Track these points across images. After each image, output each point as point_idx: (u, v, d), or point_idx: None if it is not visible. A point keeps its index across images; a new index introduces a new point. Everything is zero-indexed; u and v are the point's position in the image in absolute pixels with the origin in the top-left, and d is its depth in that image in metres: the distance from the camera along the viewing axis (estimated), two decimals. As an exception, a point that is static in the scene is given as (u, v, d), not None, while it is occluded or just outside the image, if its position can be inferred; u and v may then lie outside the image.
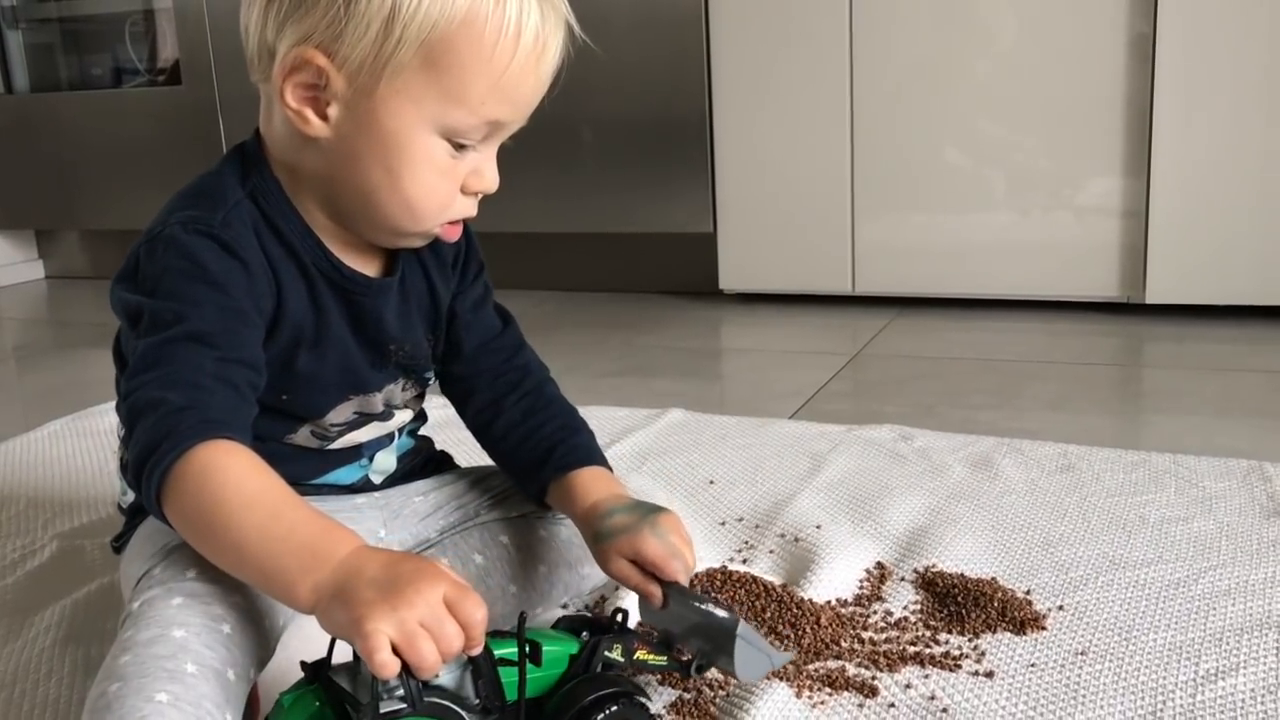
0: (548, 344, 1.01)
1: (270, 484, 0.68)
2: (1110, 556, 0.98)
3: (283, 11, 0.73)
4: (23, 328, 2.52)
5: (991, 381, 1.60)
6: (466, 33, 0.72)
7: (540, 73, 0.76)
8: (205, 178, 0.81)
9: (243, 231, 0.77)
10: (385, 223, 0.78)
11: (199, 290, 0.74)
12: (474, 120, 0.75)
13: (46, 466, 1.37)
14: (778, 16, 1.99)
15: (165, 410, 0.68)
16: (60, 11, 2.89)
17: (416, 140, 0.74)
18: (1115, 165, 1.86)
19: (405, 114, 0.74)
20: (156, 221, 0.78)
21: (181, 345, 0.71)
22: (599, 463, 0.88)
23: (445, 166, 0.76)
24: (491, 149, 0.79)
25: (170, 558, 0.74)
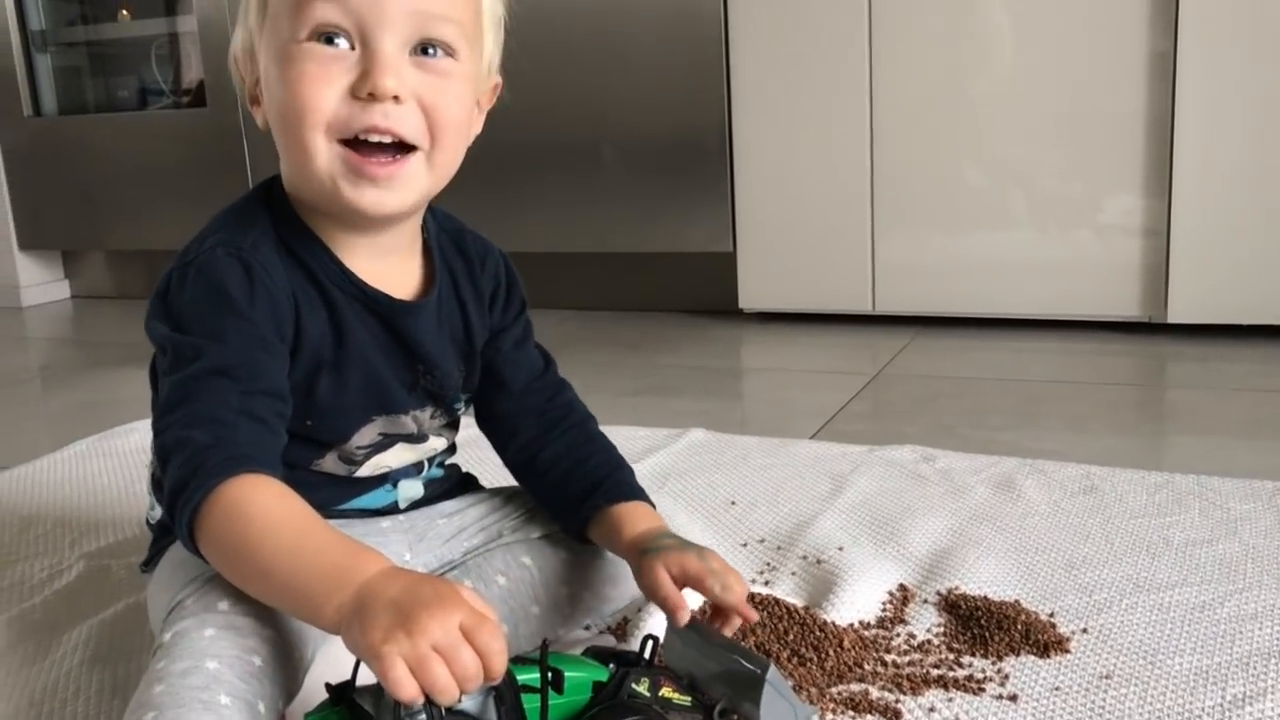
0: (568, 363, 1.01)
1: (296, 510, 0.70)
2: (1134, 579, 0.98)
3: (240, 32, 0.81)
4: (49, 347, 2.54)
5: (1012, 401, 1.59)
6: None
7: None
8: (235, 205, 0.83)
9: (270, 255, 0.78)
10: (303, 160, 0.76)
11: (223, 321, 0.75)
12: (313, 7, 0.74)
13: (73, 486, 1.38)
14: (797, 36, 2.00)
15: (192, 449, 0.70)
16: (88, 35, 2.93)
17: (284, 57, 0.75)
18: (1136, 184, 1.86)
19: (272, 47, 0.77)
20: (190, 245, 0.79)
21: (205, 381, 0.73)
22: (645, 499, 0.89)
23: (315, 69, 0.74)
24: (381, 46, 0.74)
25: (203, 589, 0.75)
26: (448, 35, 0.76)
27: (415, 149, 0.77)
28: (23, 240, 2.88)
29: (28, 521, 1.27)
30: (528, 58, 2.34)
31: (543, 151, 2.26)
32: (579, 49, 2.18)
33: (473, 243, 0.92)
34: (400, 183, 0.77)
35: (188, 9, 2.64)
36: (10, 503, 1.33)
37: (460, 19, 0.77)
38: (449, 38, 0.76)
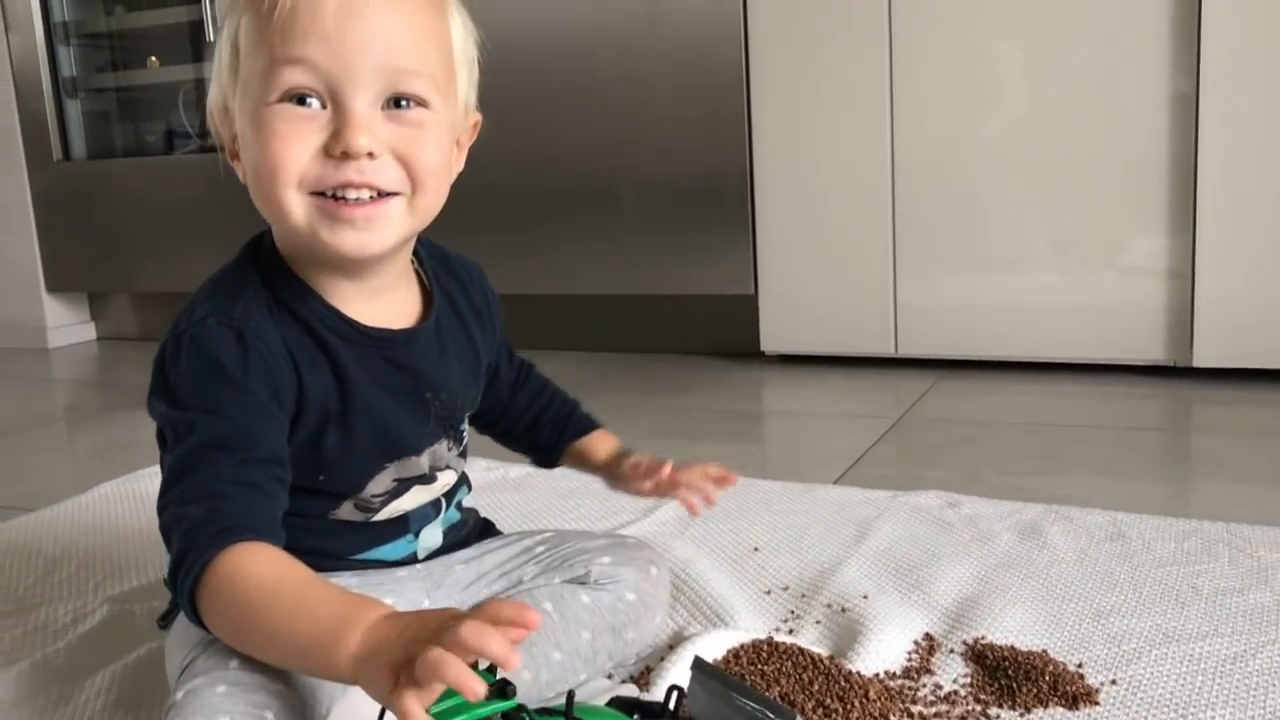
0: (590, 405, 1.02)
1: (291, 572, 0.70)
2: (1164, 629, 0.97)
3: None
4: (75, 389, 2.56)
5: (1037, 446, 1.58)
6: (250, 7, 0.76)
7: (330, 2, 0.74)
8: (224, 271, 0.85)
9: (262, 320, 0.79)
10: (286, 223, 0.77)
11: (217, 392, 0.76)
12: (284, 71, 0.74)
13: (97, 529, 1.39)
14: (818, 78, 2.01)
15: (187, 526, 0.72)
16: (117, 82, 2.97)
17: (256, 119, 0.76)
18: (1160, 225, 1.86)
19: (246, 108, 0.77)
20: (181, 316, 0.81)
21: (200, 454, 0.74)
22: (602, 427, 1.07)
23: (286, 129, 0.75)
24: (352, 105, 0.75)
25: (212, 647, 0.75)
26: (419, 88, 0.77)
27: (396, 194, 0.78)
28: (50, 283, 2.91)
29: (52, 565, 1.27)
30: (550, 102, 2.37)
31: (565, 194, 2.27)
32: (600, 93, 2.20)
33: (458, 263, 0.94)
34: (379, 224, 0.77)
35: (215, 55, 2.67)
36: (35, 546, 1.33)
37: (431, 71, 0.78)
38: (420, 90, 0.77)
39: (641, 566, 0.95)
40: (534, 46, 2.21)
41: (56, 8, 2.83)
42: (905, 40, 1.95)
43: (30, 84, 2.81)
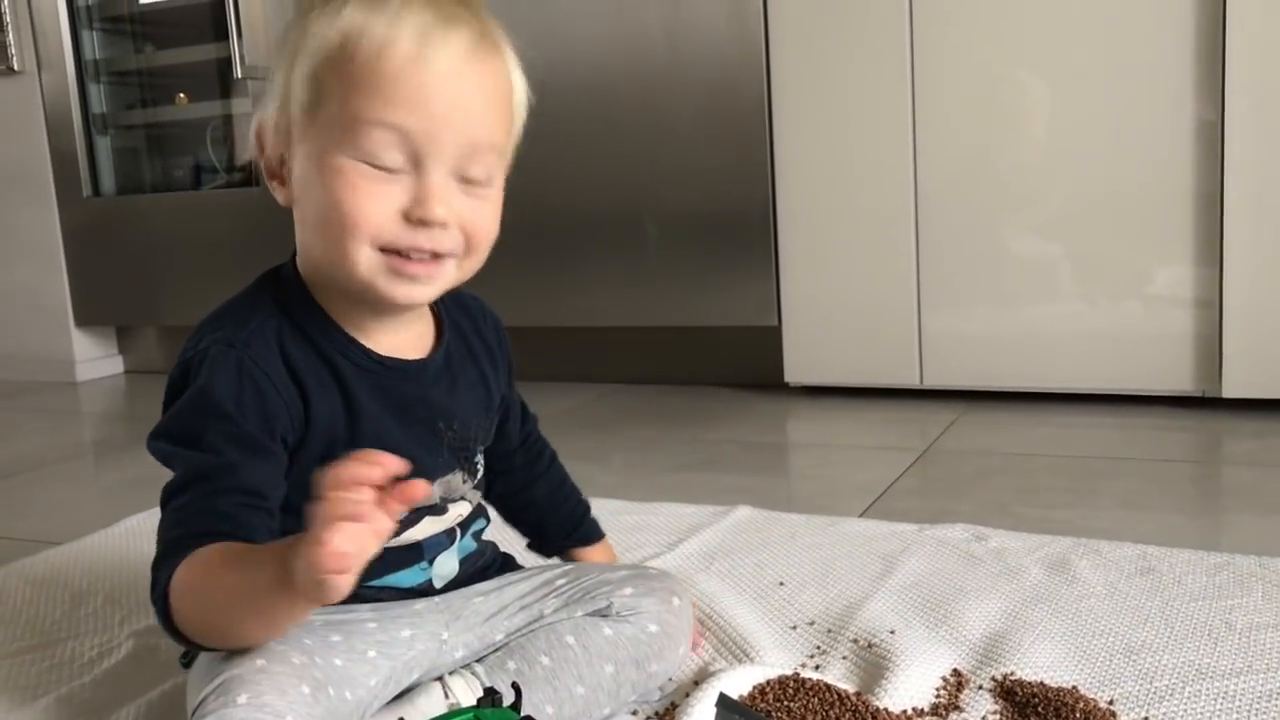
0: (612, 438, 1.03)
1: (216, 553, 0.74)
2: (1196, 665, 0.95)
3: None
4: (102, 422, 2.58)
5: (1065, 478, 1.57)
6: (343, 54, 0.77)
7: (427, 71, 0.76)
8: (235, 298, 0.86)
9: (264, 350, 0.81)
10: (344, 265, 0.79)
11: (203, 424, 0.79)
12: (372, 135, 0.76)
13: (124, 563, 1.39)
14: (840, 108, 2.02)
15: (156, 558, 0.77)
16: (146, 119, 3.01)
17: (332, 166, 0.77)
18: (1186, 254, 1.84)
19: (317, 149, 0.78)
20: (188, 343, 0.83)
21: (180, 494, 0.78)
22: (603, 539, 1.10)
23: (366, 187, 0.77)
24: (433, 175, 0.78)
25: (221, 686, 0.76)
26: (490, 164, 0.81)
27: (451, 255, 0.81)
28: (79, 317, 2.94)
29: (78, 599, 1.27)
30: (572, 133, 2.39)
31: (587, 226, 2.28)
32: (623, 125, 2.21)
33: (469, 299, 0.97)
34: (434, 280, 0.82)
35: (243, 92, 2.71)
36: (62, 579, 1.34)
37: (503, 143, 0.83)
38: (491, 165, 0.81)
39: (664, 597, 0.94)
40: (557, 78, 2.22)
41: (88, 46, 2.88)
42: (928, 70, 1.96)
43: (61, 121, 2.85)
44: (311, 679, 0.78)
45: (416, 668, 0.88)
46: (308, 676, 0.78)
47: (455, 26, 0.77)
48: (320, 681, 0.79)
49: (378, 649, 0.86)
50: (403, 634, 0.88)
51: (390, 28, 0.76)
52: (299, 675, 0.78)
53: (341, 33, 0.77)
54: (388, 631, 0.87)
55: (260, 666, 0.77)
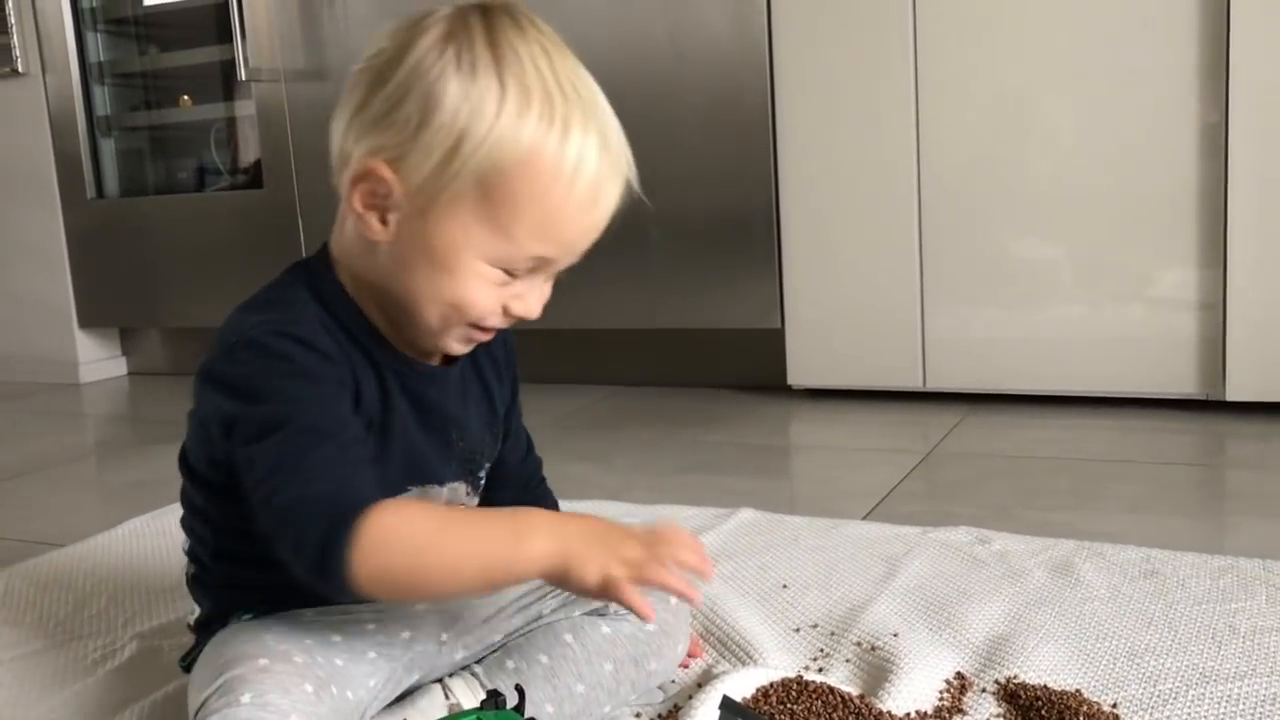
0: (615, 440, 1.02)
1: (443, 509, 0.78)
2: (1200, 668, 0.95)
3: (364, 124, 0.78)
4: (105, 424, 2.58)
5: (1068, 481, 1.57)
6: (523, 172, 0.76)
7: (592, 219, 0.80)
8: (270, 289, 0.86)
9: (316, 330, 0.81)
10: (423, 323, 0.82)
11: (296, 386, 0.77)
12: (518, 254, 0.79)
13: (127, 565, 1.39)
14: (844, 111, 2.02)
15: (317, 504, 0.73)
16: (150, 120, 3.02)
17: (462, 261, 0.79)
18: (1190, 256, 1.84)
19: (454, 236, 0.78)
20: (230, 332, 0.81)
21: (300, 440, 0.75)
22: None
23: (487, 288, 0.80)
24: (543, 284, 0.83)
25: (224, 686, 0.76)
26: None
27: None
28: (83, 319, 2.94)
29: (82, 600, 1.28)
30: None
31: (591, 230, 2.28)
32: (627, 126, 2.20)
33: None
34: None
35: (247, 94, 2.71)
36: (65, 581, 1.34)
37: None
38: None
39: (661, 596, 0.94)
40: (561, 83, 2.22)
41: (92, 48, 2.88)
42: (932, 73, 1.95)
43: (66, 123, 2.86)
44: (314, 678, 0.79)
45: (416, 669, 0.89)
46: (310, 675, 0.79)
47: (617, 176, 0.81)
48: (323, 680, 0.79)
49: (377, 650, 0.86)
50: (402, 635, 0.88)
51: (580, 161, 0.77)
52: (301, 674, 0.78)
53: (528, 151, 0.75)
54: (387, 633, 0.87)
55: (263, 666, 0.77)
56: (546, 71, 0.76)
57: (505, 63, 0.76)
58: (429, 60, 0.76)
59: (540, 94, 0.76)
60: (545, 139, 0.76)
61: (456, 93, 0.75)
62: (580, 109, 0.77)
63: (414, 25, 0.78)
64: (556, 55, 0.78)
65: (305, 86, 2.57)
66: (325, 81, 2.54)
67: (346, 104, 0.80)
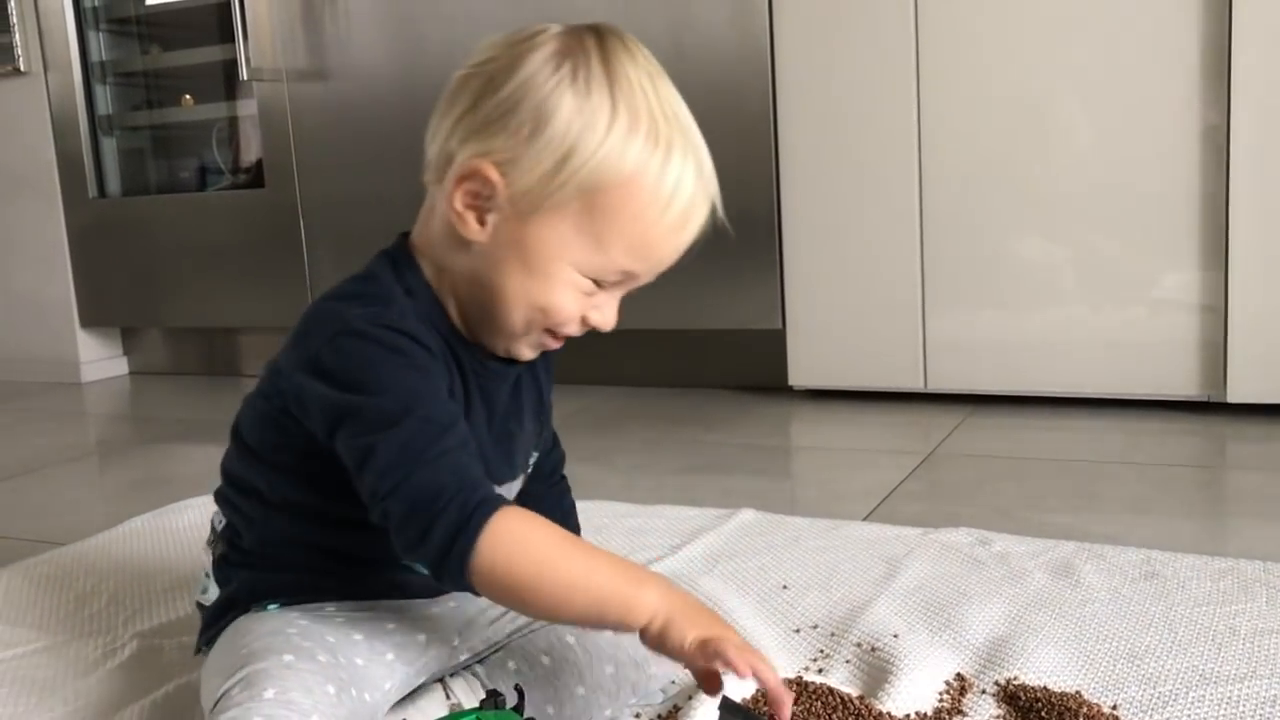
0: (616, 440, 1.02)
1: (565, 533, 0.78)
2: (1200, 670, 0.95)
3: (472, 126, 0.81)
4: (106, 423, 2.58)
5: (1069, 483, 1.57)
6: (625, 191, 0.79)
7: (681, 239, 0.82)
8: (361, 281, 0.86)
9: (417, 324, 0.82)
10: (506, 325, 0.84)
11: (411, 378, 0.79)
12: (609, 266, 0.81)
13: (128, 564, 1.39)
14: (846, 113, 2.02)
15: (449, 494, 0.74)
16: (152, 120, 3.02)
17: (556, 268, 0.81)
18: (1192, 258, 1.84)
19: (551, 244, 0.80)
20: (328, 323, 0.81)
21: (423, 432, 0.76)
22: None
23: (574, 295, 0.82)
24: (619, 291, 0.85)
25: (246, 679, 0.76)
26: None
27: None
28: (84, 318, 2.94)
29: (83, 599, 1.28)
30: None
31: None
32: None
33: None
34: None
35: (248, 93, 2.71)
36: (66, 580, 1.34)
37: None
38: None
39: None
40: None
41: (94, 47, 2.89)
42: (934, 75, 1.95)
43: (68, 122, 2.86)
44: (337, 679, 0.79)
45: (426, 673, 0.89)
46: (333, 676, 0.79)
47: (707, 200, 0.83)
48: (345, 682, 0.80)
49: (395, 652, 0.86)
50: (418, 638, 0.88)
51: (679, 185, 0.80)
52: (325, 675, 0.78)
53: (632, 171, 0.78)
54: (406, 634, 0.87)
55: (288, 663, 0.78)
56: (653, 97, 0.80)
57: (618, 84, 0.79)
58: (544, 73, 0.79)
59: (647, 118, 0.79)
60: (649, 161, 0.79)
61: (570, 107, 0.78)
62: (681, 135, 0.81)
63: (528, 39, 0.81)
64: (660, 82, 0.82)
65: (307, 86, 2.57)
66: (327, 81, 2.54)
67: (452, 106, 0.82)
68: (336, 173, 2.56)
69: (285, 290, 2.62)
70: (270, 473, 0.88)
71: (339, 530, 0.86)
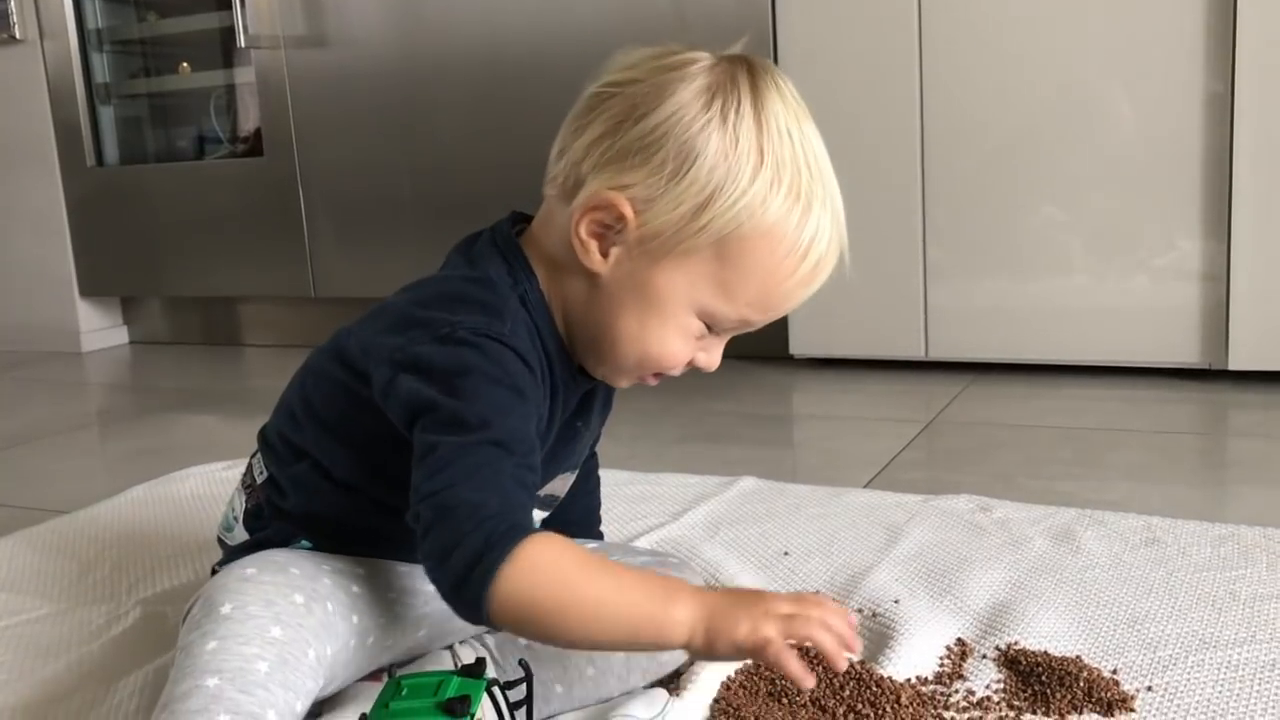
0: (618, 410, 1.02)
1: (590, 555, 0.75)
2: (1200, 635, 0.96)
3: (609, 154, 0.78)
4: (107, 393, 2.58)
5: (1070, 450, 1.57)
6: (764, 242, 0.78)
7: (807, 291, 0.82)
8: (476, 285, 0.83)
9: (528, 342, 0.81)
10: (614, 361, 0.83)
11: (503, 396, 0.76)
12: (734, 315, 0.80)
13: (130, 532, 1.40)
14: (846, 77, 2.01)
15: (482, 516, 0.71)
16: (149, 88, 3.00)
17: (677, 312, 0.80)
18: (1194, 227, 1.84)
19: (677, 287, 0.79)
20: (439, 321, 0.79)
21: (488, 450, 0.74)
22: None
23: (685, 340, 0.82)
24: (729, 335, 0.84)
25: (207, 595, 0.78)
26: None
27: None
28: (84, 287, 2.94)
29: (86, 567, 1.28)
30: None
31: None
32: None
33: None
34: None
35: (246, 61, 2.70)
36: (69, 548, 1.34)
37: None
38: None
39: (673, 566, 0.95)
40: (560, 52, 2.21)
41: (90, 15, 2.87)
42: (935, 42, 1.94)
43: (64, 90, 2.84)
44: (308, 590, 0.79)
45: (424, 625, 0.88)
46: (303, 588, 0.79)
47: (838, 251, 0.82)
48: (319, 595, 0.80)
49: (398, 593, 0.86)
50: (427, 588, 0.87)
51: (815, 240, 0.79)
52: (292, 585, 0.79)
53: (772, 223, 0.77)
54: (415, 580, 0.87)
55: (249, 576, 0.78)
56: (799, 144, 0.79)
57: (766, 130, 0.77)
58: (693, 110, 0.77)
59: (791, 167, 0.78)
60: (790, 214, 0.77)
61: (717, 151, 0.76)
62: (822, 187, 0.79)
63: (676, 66, 0.79)
64: (807, 126, 0.81)
65: (305, 54, 2.55)
66: (325, 48, 2.53)
67: (586, 125, 0.80)
68: (335, 141, 2.55)
69: (285, 259, 2.62)
70: (339, 449, 0.86)
71: (392, 517, 0.86)
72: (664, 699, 0.86)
